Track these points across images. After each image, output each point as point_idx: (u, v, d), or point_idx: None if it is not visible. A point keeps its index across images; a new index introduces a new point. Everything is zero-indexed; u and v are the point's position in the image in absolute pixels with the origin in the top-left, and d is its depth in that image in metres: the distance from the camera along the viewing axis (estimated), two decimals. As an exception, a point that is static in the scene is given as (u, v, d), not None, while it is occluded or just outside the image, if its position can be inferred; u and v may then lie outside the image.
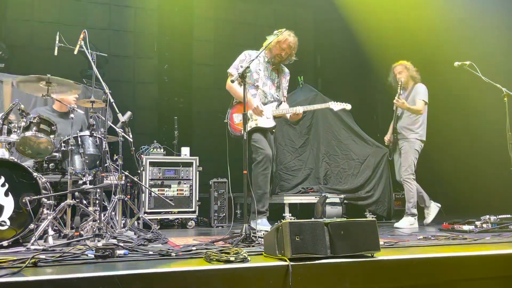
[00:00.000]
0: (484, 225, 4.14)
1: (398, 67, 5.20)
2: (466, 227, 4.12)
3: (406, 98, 5.08)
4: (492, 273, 2.62)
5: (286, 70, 4.52)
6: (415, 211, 4.96)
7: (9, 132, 3.45)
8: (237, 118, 4.15)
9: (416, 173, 5.09)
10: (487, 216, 4.21)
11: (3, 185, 3.15)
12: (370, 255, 2.45)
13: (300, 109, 4.19)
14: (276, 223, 2.44)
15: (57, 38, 3.78)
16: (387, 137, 5.36)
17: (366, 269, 2.38)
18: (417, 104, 4.99)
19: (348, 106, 4.36)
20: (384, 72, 5.36)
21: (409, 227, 4.80)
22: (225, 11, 8.11)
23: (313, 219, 2.46)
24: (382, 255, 2.48)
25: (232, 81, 3.80)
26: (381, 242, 2.60)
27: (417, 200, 5.01)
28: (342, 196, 6.18)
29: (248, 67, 3.53)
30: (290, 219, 4.56)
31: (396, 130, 5.14)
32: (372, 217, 5.10)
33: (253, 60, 3.70)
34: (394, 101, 5.00)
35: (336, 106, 4.31)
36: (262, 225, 4.06)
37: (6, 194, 3.14)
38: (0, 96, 5.54)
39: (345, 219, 2.57)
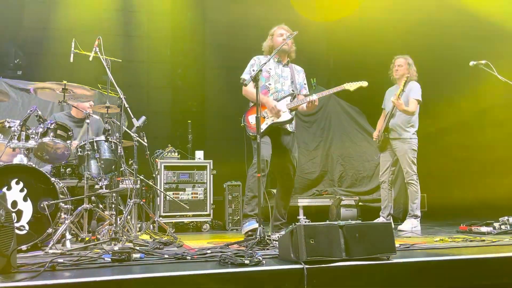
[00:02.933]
0: (503, 227, 4.07)
1: (401, 59, 4.94)
2: (484, 229, 4.06)
3: (400, 95, 4.79)
4: None
5: (299, 67, 4.50)
6: (418, 212, 4.77)
7: (27, 138, 3.52)
8: (252, 119, 4.14)
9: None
10: (506, 217, 4.14)
11: (21, 190, 3.22)
12: (386, 258, 2.43)
13: (314, 97, 4.07)
14: (290, 226, 2.44)
15: (73, 45, 3.84)
16: (375, 134, 5.12)
17: (382, 272, 2.36)
18: (410, 105, 4.76)
19: (364, 83, 4.16)
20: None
21: (412, 230, 4.57)
22: (237, 15, 8.13)
23: (327, 222, 2.45)
24: (398, 258, 2.46)
25: (246, 84, 3.82)
26: (397, 245, 2.57)
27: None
28: (357, 198, 6.15)
29: (260, 70, 3.56)
30: (305, 222, 4.53)
31: (388, 129, 4.89)
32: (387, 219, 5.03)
33: (265, 63, 3.72)
34: (393, 99, 4.73)
35: (351, 86, 4.14)
36: (249, 225, 3.88)
37: (25, 199, 3.21)
38: (18, 103, 5.65)
39: (360, 222, 2.55)
